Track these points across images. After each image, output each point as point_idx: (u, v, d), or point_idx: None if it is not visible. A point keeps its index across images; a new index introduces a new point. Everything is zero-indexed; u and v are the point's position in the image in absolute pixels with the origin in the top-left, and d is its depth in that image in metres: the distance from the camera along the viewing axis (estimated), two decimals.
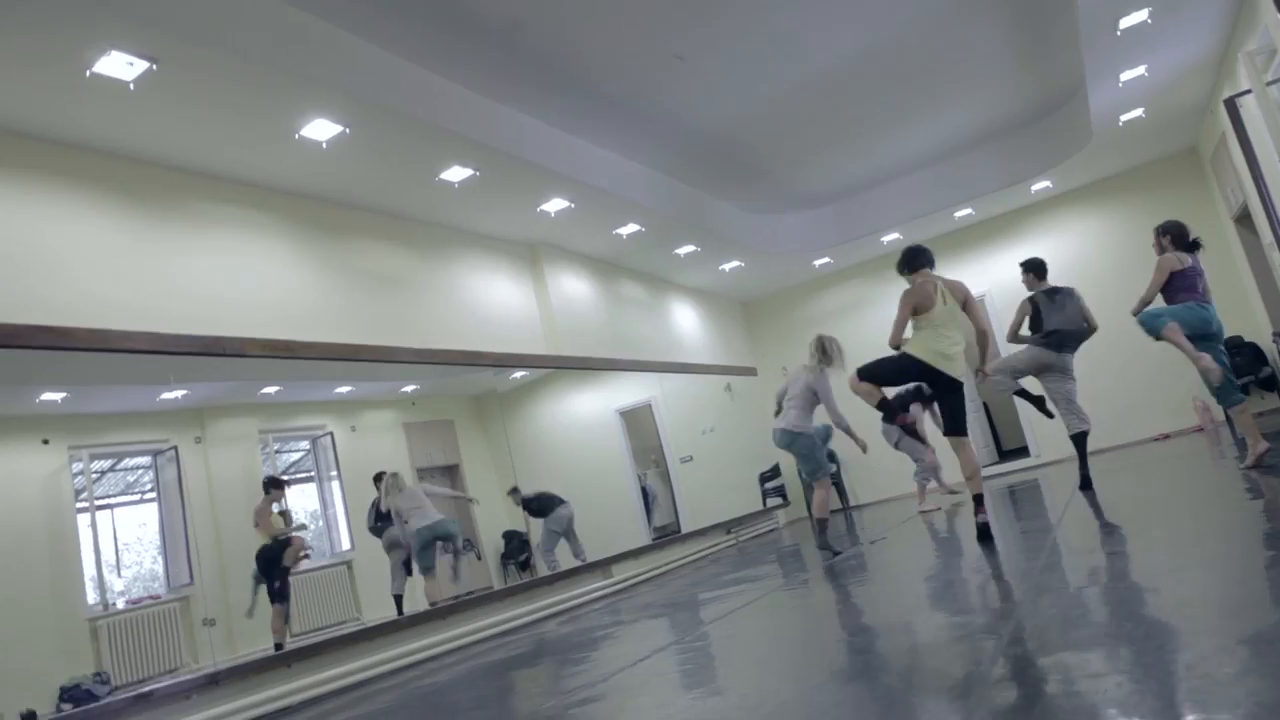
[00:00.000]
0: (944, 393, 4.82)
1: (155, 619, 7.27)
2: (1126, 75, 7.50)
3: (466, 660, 5.23)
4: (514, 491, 8.52)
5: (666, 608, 5.63)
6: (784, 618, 4.07)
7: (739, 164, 8.72)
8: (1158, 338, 5.28)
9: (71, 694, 6.34)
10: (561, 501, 8.36)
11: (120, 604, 7.81)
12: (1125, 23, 6.44)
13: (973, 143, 9.90)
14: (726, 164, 8.62)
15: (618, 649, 4.35)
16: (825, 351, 6.14)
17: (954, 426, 4.84)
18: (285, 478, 9.53)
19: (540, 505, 8.38)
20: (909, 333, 4.91)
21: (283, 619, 6.27)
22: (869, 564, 5.32)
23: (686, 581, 7.13)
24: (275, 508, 6.42)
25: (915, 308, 4.83)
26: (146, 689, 4.40)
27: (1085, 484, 6.01)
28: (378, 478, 7.79)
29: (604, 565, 7.93)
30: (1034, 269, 6.53)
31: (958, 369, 4.75)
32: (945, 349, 4.70)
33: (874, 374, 4.90)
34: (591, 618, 6.01)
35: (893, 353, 4.92)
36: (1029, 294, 6.47)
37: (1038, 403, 5.84)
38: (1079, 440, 6.09)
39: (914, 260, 5.10)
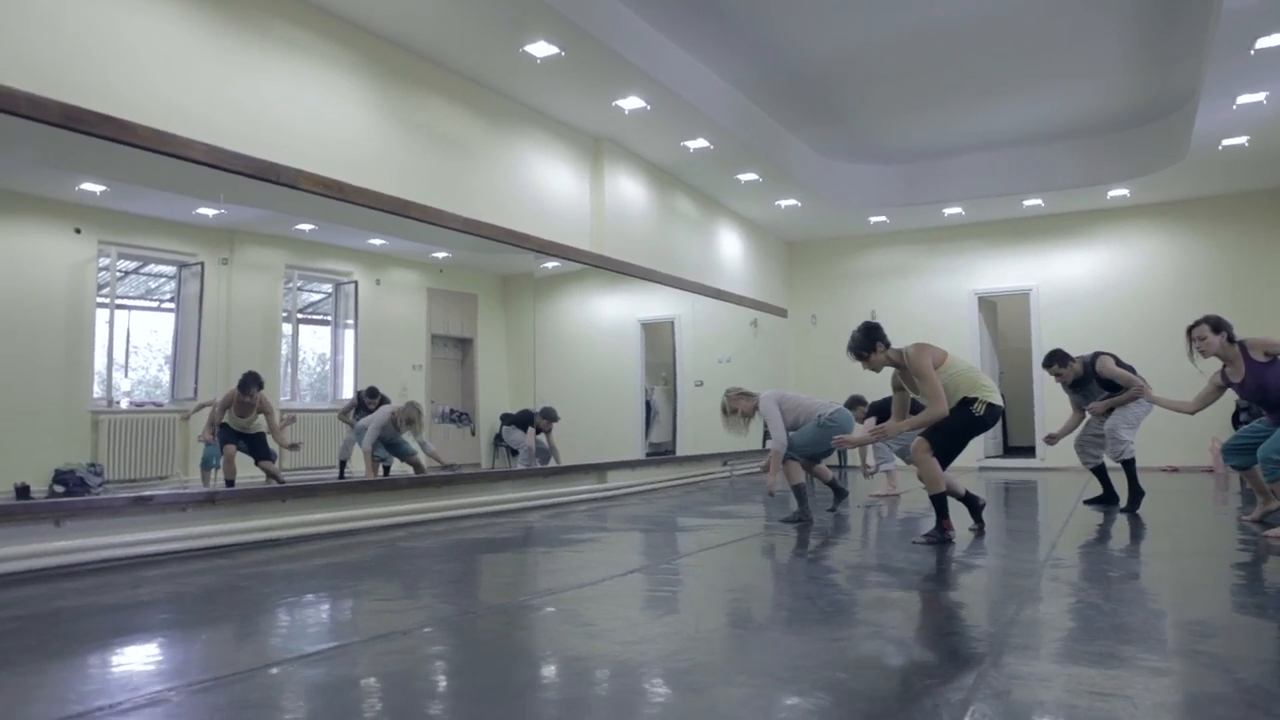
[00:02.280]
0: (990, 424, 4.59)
1: (155, 425, 7.37)
2: (1244, 99, 7.17)
3: (452, 533, 5.30)
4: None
5: (650, 526, 5.67)
6: (753, 561, 4.08)
7: (822, 102, 8.43)
8: None
9: (65, 478, 6.47)
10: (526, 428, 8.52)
11: (124, 403, 7.92)
12: (1263, 43, 6.10)
13: (1060, 134, 9.56)
14: (810, 99, 8.33)
15: (594, 557, 4.39)
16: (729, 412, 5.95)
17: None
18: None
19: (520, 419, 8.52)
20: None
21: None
22: (846, 526, 5.33)
23: (674, 503, 7.19)
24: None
25: (935, 362, 4.49)
26: (146, 494, 4.46)
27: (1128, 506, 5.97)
28: (370, 393, 7.83)
29: (599, 470, 7.99)
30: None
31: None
32: (986, 380, 4.63)
33: (952, 449, 4.54)
34: (578, 518, 6.07)
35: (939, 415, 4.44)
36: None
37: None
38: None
39: (881, 337, 4.64)
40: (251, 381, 6.74)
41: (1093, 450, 6.20)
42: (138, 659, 2.56)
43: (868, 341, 4.56)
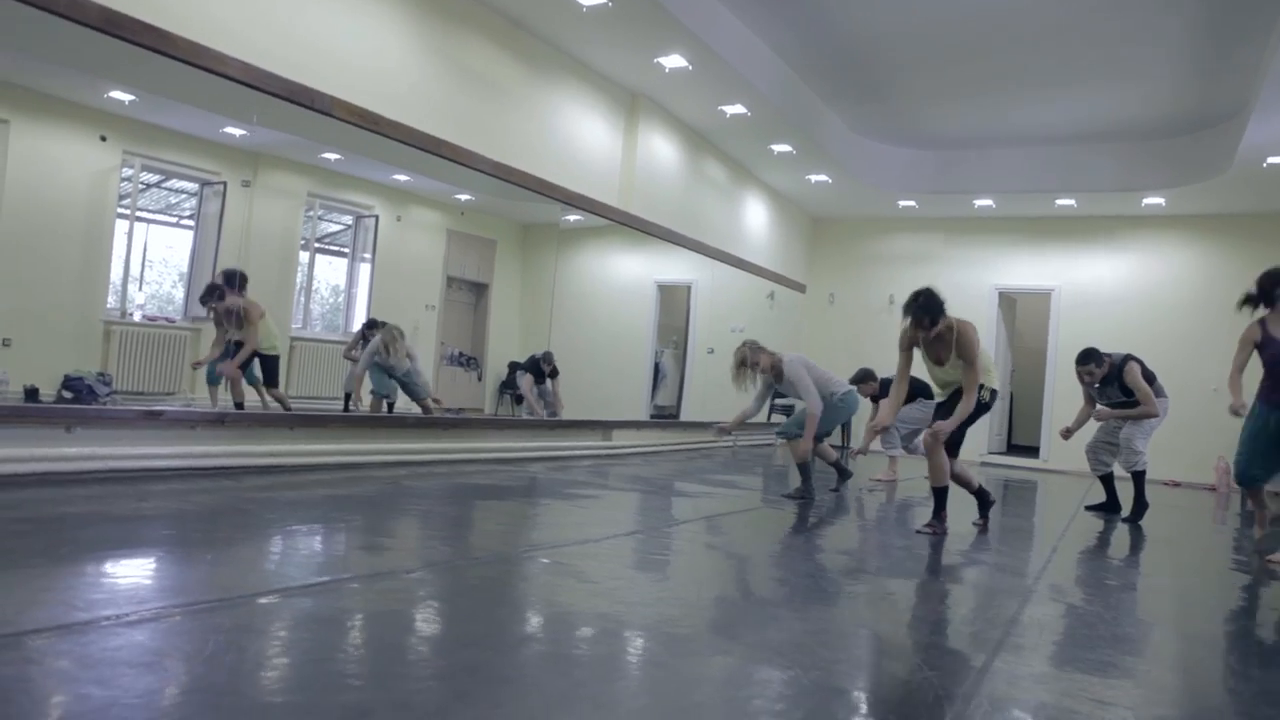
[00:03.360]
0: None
1: (165, 340, 7.38)
2: None
3: (454, 476, 5.32)
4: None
5: (650, 489, 5.68)
6: (754, 534, 4.08)
7: (865, 80, 8.29)
8: None
9: (74, 385, 6.49)
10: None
11: (137, 316, 7.93)
12: None
13: (1100, 135, 9.40)
14: (853, 76, 8.20)
15: (596, 515, 4.40)
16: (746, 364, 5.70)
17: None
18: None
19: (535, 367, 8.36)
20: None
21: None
22: (845, 508, 5.33)
23: (676, 468, 7.20)
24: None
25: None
26: (158, 409, 4.47)
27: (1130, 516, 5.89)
28: (370, 325, 7.67)
29: (605, 427, 7.99)
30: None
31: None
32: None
33: (961, 437, 4.52)
34: (580, 473, 6.09)
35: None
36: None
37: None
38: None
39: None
40: (208, 294, 6.42)
41: (1104, 457, 6.15)
42: (142, 573, 2.57)
43: (940, 307, 4.29)
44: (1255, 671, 2.52)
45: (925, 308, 4.24)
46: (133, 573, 2.55)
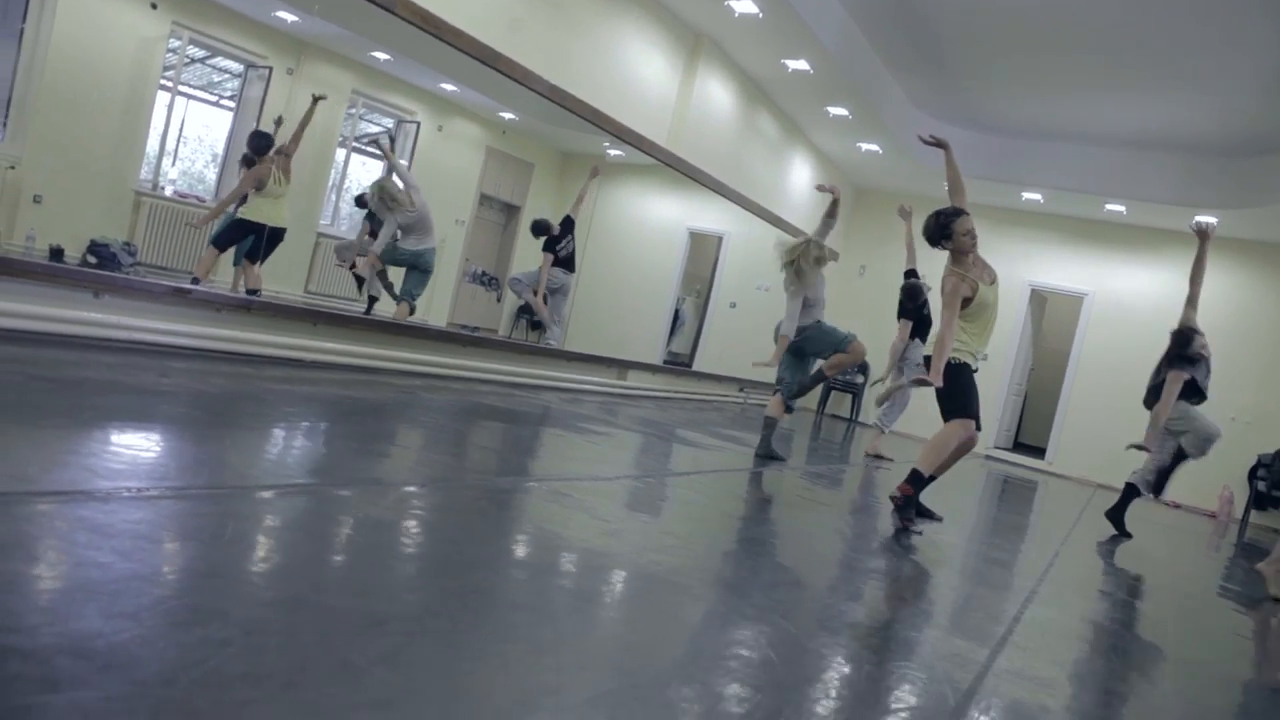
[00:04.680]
0: None
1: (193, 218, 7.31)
2: None
3: (469, 394, 5.31)
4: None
5: (657, 433, 5.67)
6: (758, 493, 4.07)
7: (935, 53, 8.06)
8: None
9: (99, 250, 6.47)
10: (570, 271, 8.15)
11: (168, 191, 7.88)
12: None
13: (1162, 144, 9.16)
14: (923, 47, 7.97)
15: (605, 453, 4.38)
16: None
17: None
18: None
19: (566, 255, 8.10)
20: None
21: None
22: (839, 479, 5.32)
23: (686, 417, 7.19)
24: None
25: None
26: (185, 286, 4.45)
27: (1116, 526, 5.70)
28: (363, 202, 7.37)
29: (621, 366, 7.96)
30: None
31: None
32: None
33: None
34: (592, 408, 6.07)
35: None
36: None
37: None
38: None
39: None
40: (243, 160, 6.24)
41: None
42: (161, 448, 2.57)
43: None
44: (1255, 705, 2.52)
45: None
46: (153, 447, 2.54)
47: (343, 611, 1.65)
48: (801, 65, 7.77)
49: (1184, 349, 5.31)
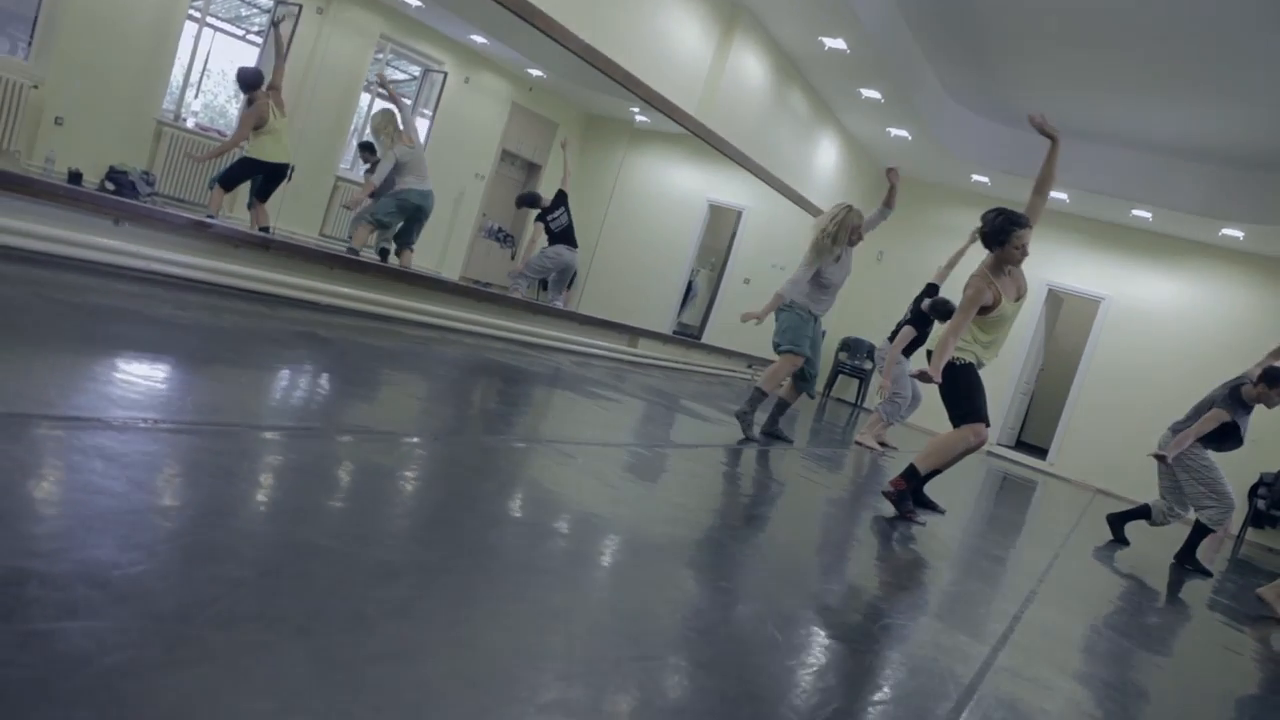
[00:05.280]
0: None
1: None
2: None
3: (481, 349, 5.30)
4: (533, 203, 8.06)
5: (665, 404, 5.66)
6: (744, 472, 4.07)
7: (973, 42, 7.93)
8: None
9: (117, 178, 6.44)
10: (574, 247, 8.00)
11: (189, 123, 7.83)
12: None
13: (1197, 152, 9.03)
14: (963, 35, 7.83)
15: (616, 419, 4.37)
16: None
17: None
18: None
19: (560, 229, 7.95)
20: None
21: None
22: (840, 461, 5.31)
23: (694, 389, 7.18)
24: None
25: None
26: (206, 220, 4.42)
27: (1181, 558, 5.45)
28: (368, 147, 7.12)
29: (632, 334, 7.94)
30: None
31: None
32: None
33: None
34: (601, 373, 6.06)
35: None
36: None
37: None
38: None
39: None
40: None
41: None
42: (176, 381, 2.56)
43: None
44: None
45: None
46: (168, 380, 2.53)
47: (355, 559, 1.64)
48: (839, 44, 7.66)
49: (1237, 392, 5.18)
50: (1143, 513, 5.72)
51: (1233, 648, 3.56)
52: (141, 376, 2.42)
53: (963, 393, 3.79)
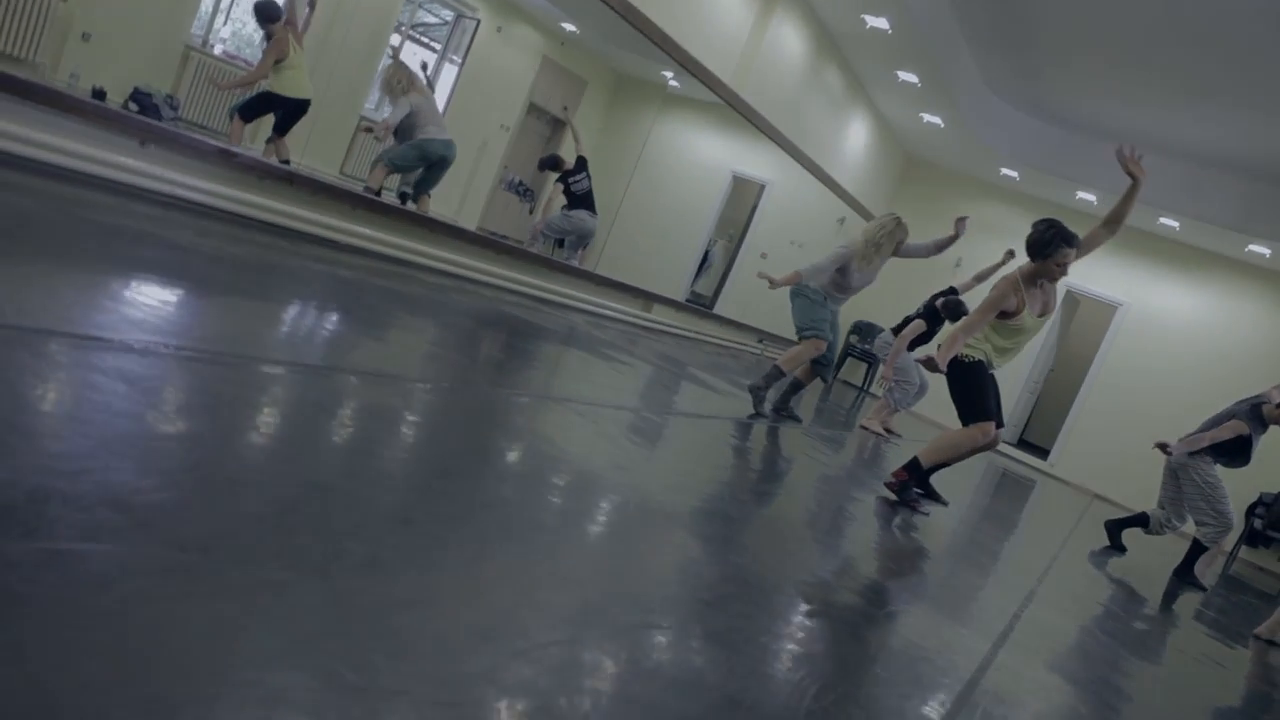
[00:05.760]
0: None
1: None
2: None
3: (499, 302, 5.28)
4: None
5: (672, 370, 5.64)
6: (750, 446, 4.06)
7: (1017, 31, 7.79)
8: None
9: (141, 99, 6.37)
10: (594, 214, 7.90)
11: (217, 50, 7.73)
12: None
13: (1230, 164, 8.90)
14: (1006, 23, 7.69)
15: (630, 383, 4.36)
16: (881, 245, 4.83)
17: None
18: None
19: (581, 193, 7.85)
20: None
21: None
22: (841, 442, 5.30)
23: (702, 359, 7.16)
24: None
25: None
26: (232, 149, 4.37)
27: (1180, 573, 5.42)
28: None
29: (647, 298, 7.90)
30: None
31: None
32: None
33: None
34: (614, 335, 6.04)
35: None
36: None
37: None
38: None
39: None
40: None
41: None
42: (197, 309, 2.54)
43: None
44: None
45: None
46: (191, 307, 2.51)
47: (372, 504, 1.63)
48: (881, 23, 7.53)
49: (1258, 409, 5.15)
50: (1140, 520, 5.72)
51: (1217, 659, 3.57)
52: (162, 301, 2.40)
53: (972, 391, 3.74)
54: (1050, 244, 3.54)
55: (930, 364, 3.48)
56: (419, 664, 1.16)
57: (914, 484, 3.87)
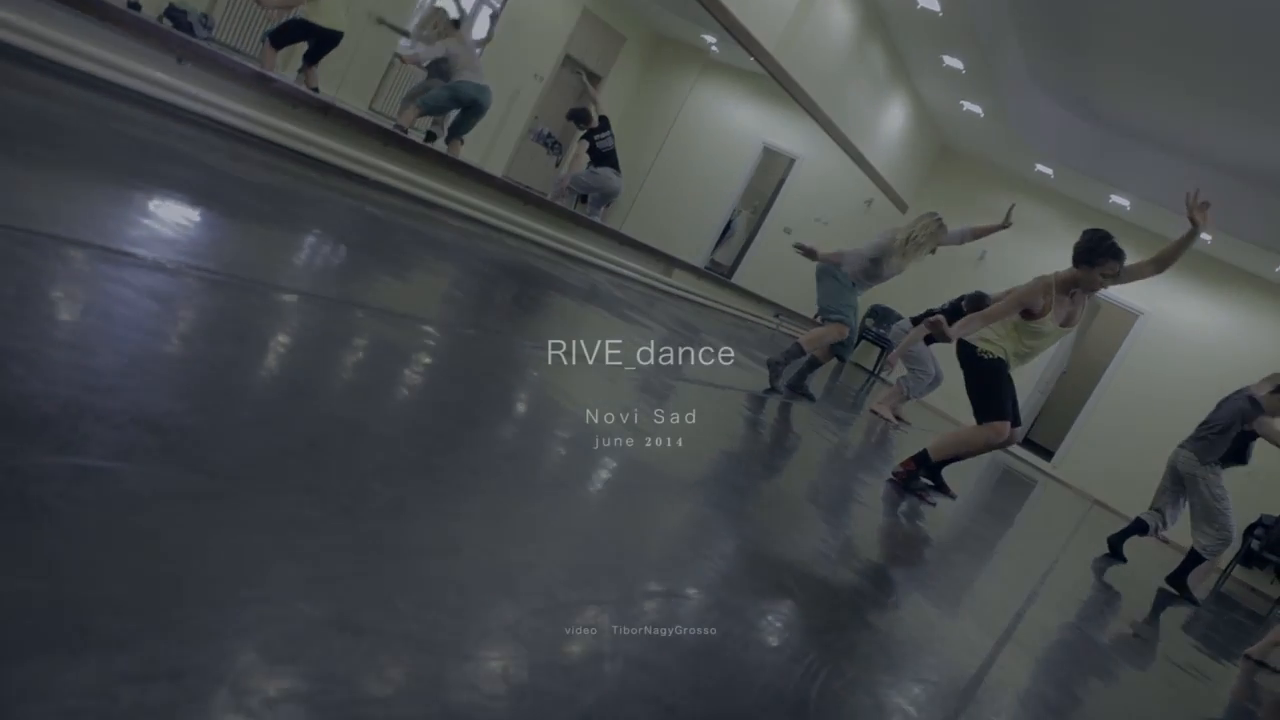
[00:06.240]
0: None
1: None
2: None
3: (523, 253, 5.25)
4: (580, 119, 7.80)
5: (685, 335, 5.61)
6: (759, 419, 4.04)
7: (1073, 26, 7.63)
8: None
9: (175, 16, 6.28)
10: (618, 172, 7.78)
11: None
12: None
13: (1269, 182, 8.75)
14: (1063, 16, 7.53)
15: (637, 342, 4.33)
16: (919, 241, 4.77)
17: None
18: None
19: (606, 150, 7.73)
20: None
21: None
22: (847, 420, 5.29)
23: (719, 329, 7.13)
24: None
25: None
26: (269, 74, 4.32)
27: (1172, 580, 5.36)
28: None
29: (669, 262, 7.84)
30: None
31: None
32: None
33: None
34: (634, 296, 6.01)
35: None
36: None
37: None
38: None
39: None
40: None
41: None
42: (229, 234, 2.51)
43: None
44: None
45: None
46: (223, 231, 2.49)
47: (398, 446, 1.62)
48: (932, 4, 7.38)
49: (1256, 403, 5.13)
50: (1139, 528, 5.71)
51: (1203, 671, 3.58)
52: (195, 223, 2.38)
53: (991, 389, 3.69)
54: (1100, 253, 3.48)
55: (938, 330, 3.36)
56: (442, 613, 1.15)
57: (922, 475, 3.85)
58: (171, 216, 2.29)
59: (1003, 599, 3.04)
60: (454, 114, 6.43)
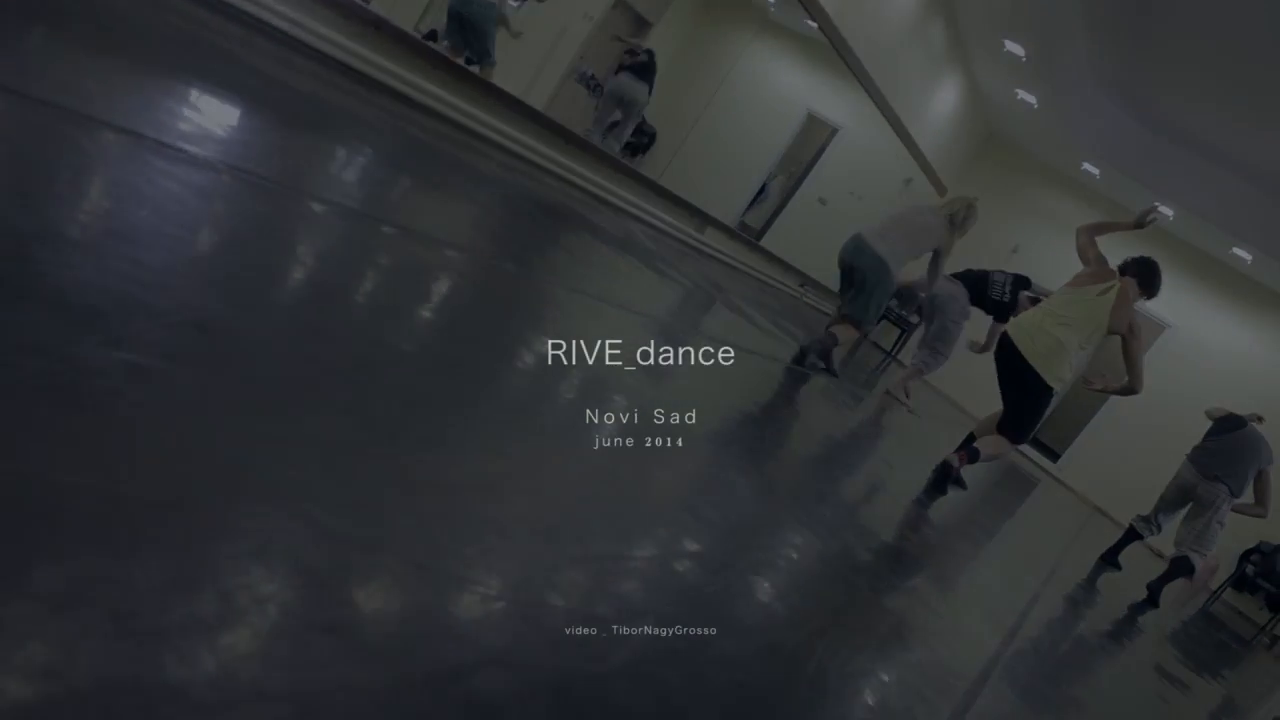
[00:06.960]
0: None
1: None
2: None
3: (560, 195, 5.19)
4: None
5: (721, 298, 5.56)
6: (779, 386, 4.00)
7: (1144, 30, 7.41)
8: None
9: None
10: (640, 80, 7.72)
11: None
12: None
13: None
14: (1134, 20, 7.30)
15: (666, 295, 4.30)
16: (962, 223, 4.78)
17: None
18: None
19: (630, 64, 7.64)
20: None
21: None
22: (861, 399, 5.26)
23: (745, 290, 7.07)
24: None
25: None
26: None
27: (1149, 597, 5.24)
28: None
29: (702, 219, 7.75)
30: None
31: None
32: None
33: None
34: (667, 248, 5.96)
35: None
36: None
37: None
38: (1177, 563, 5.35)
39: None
40: None
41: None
42: (286, 144, 2.47)
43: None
44: None
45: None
46: (269, 135, 2.44)
47: (441, 378, 1.60)
48: None
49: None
50: (1133, 537, 5.72)
51: (1183, 680, 3.59)
52: (246, 125, 2.33)
53: (1037, 414, 3.88)
54: (1158, 287, 4.13)
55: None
56: (481, 554, 1.13)
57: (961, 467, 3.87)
58: (223, 117, 2.24)
59: (1007, 596, 3.04)
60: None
